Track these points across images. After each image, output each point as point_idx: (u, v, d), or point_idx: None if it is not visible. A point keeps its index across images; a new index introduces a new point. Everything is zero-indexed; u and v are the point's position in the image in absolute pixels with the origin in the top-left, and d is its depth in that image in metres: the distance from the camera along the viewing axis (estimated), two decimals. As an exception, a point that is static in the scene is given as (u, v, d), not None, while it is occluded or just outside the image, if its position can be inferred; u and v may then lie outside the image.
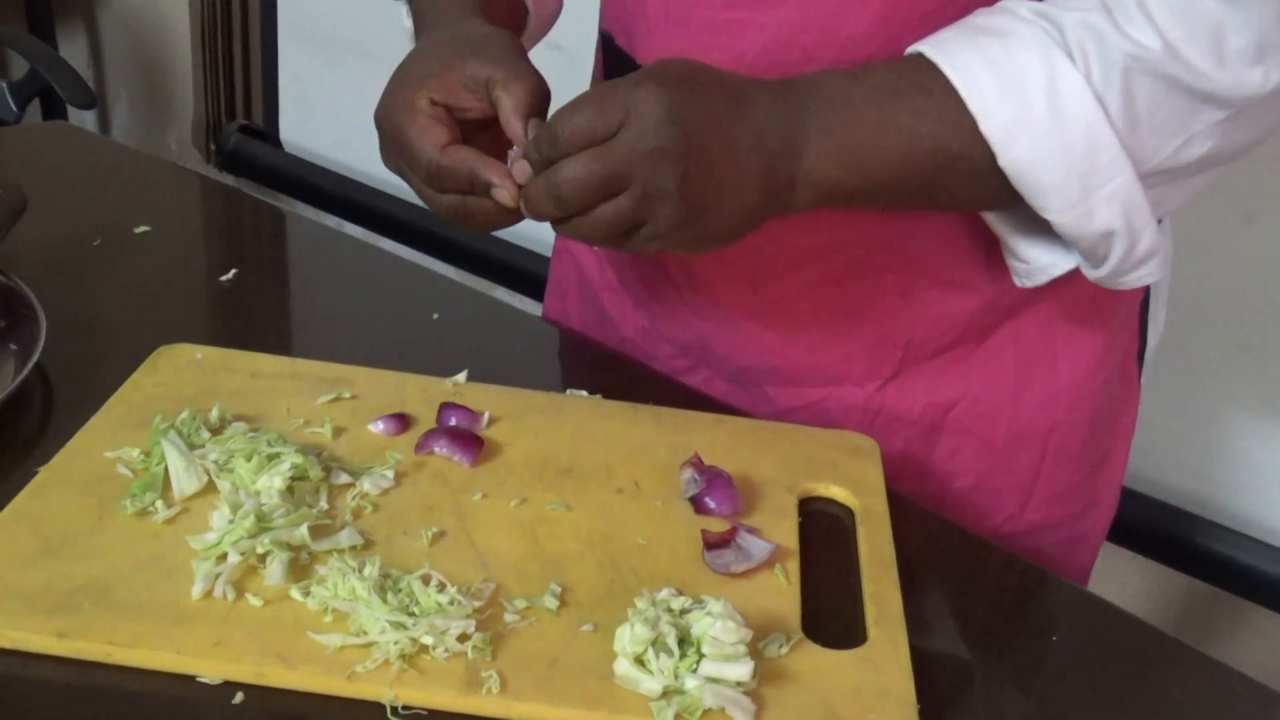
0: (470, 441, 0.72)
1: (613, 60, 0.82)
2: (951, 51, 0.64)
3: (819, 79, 0.65)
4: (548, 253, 1.02)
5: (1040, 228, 0.68)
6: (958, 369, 0.81)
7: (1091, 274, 0.69)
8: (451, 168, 0.65)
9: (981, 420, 0.82)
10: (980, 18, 0.65)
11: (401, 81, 0.69)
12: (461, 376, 0.79)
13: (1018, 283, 0.73)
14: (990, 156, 0.63)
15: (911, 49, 0.66)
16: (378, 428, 0.73)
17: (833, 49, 0.70)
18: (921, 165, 0.64)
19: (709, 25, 0.73)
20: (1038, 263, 0.71)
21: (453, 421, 0.74)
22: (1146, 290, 0.83)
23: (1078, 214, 0.64)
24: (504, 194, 0.64)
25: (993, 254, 0.75)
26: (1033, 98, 0.62)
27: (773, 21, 0.71)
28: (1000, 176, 0.64)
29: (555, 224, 0.64)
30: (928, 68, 0.64)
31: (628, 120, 0.59)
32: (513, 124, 0.65)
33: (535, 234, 0.99)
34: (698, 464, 0.71)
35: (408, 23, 0.84)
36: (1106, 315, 0.81)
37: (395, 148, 0.68)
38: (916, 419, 0.83)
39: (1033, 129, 0.62)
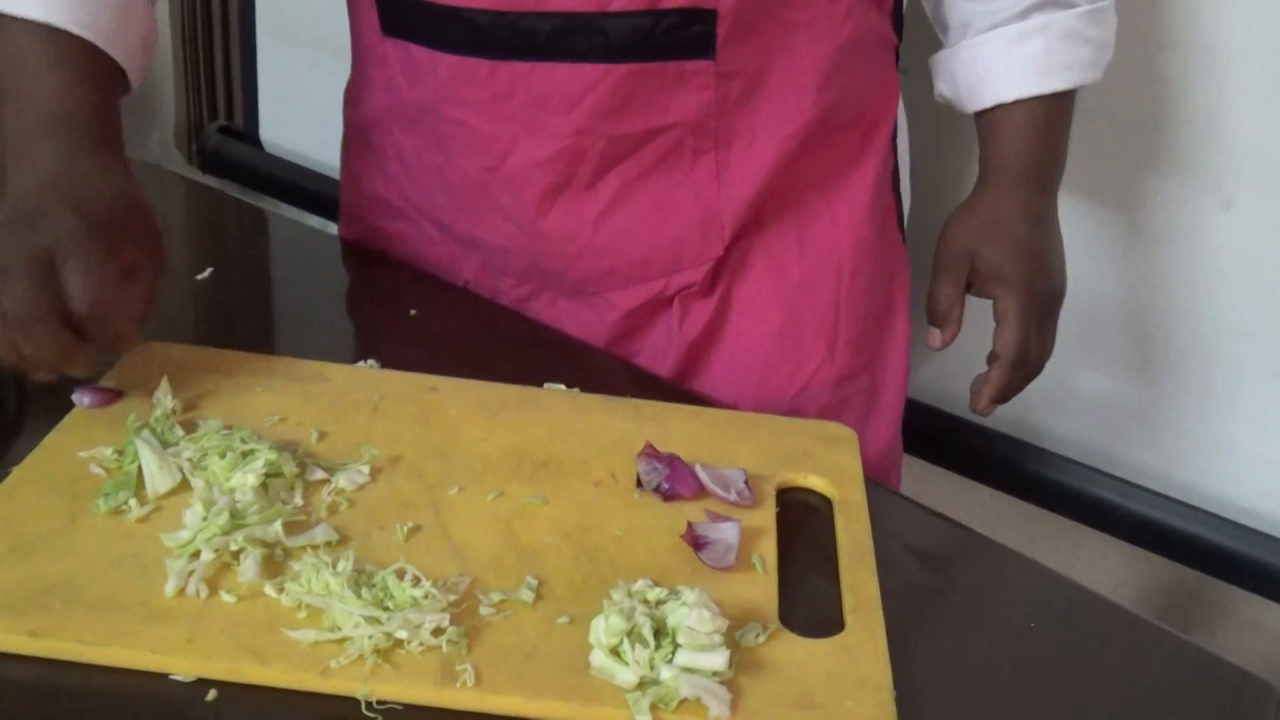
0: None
1: (390, 12, 0.85)
2: (1013, 82, 0.88)
3: (1021, 167, 0.89)
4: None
5: None
6: (751, 222, 0.88)
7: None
8: (108, 317, 0.66)
9: (772, 261, 0.90)
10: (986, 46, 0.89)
11: (53, 217, 0.66)
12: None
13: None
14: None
15: (992, 105, 0.89)
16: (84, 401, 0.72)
17: None
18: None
19: None
20: None
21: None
22: (895, 163, 0.94)
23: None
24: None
25: (782, 120, 0.84)
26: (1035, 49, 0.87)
27: None
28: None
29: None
30: (1055, 99, 0.88)
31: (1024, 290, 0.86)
32: (129, 330, 0.69)
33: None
34: (653, 453, 0.71)
35: None
36: (867, 169, 0.91)
37: (44, 273, 0.65)
38: (731, 278, 0.90)
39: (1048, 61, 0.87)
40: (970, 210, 0.90)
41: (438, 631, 0.57)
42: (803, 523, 0.71)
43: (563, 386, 0.80)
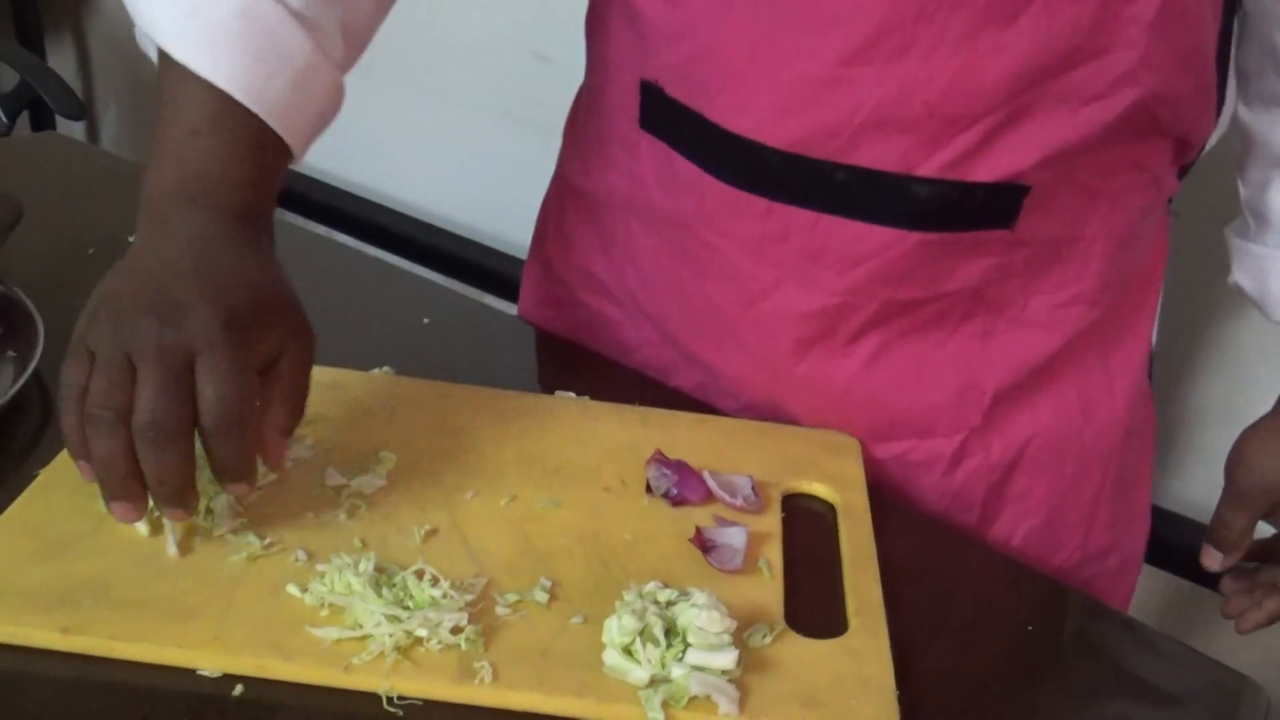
0: None
1: (658, 109, 0.77)
2: None
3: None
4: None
5: None
6: (1032, 407, 0.81)
7: None
8: (237, 434, 0.58)
9: (1053, 454, 0.83)
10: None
11: (203, 297, 0.59)
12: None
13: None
14: None
15: None
16: None
17: (957, 103, 0.67)
18: None
19: (814, 81, 0.68)
20: None
21: None
22: None
23: None
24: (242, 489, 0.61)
25: (1059, 287, 0.78)
26: None
27: (893, 77, 0.67)
28: None
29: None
30: None
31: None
32: (275, 442, 0.64)
33: (520, 240, 1.00)
34: (662, 459, 0.73)
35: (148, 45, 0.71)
36: (1139, 332, 0.83)
37: (183, 378, 0.57)
38: (996, 463, 0.82)
39: None
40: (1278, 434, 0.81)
41: (456, 630, 0.59)
42: (807, 528, 0.73)
43: (573, 395, 0.82)
